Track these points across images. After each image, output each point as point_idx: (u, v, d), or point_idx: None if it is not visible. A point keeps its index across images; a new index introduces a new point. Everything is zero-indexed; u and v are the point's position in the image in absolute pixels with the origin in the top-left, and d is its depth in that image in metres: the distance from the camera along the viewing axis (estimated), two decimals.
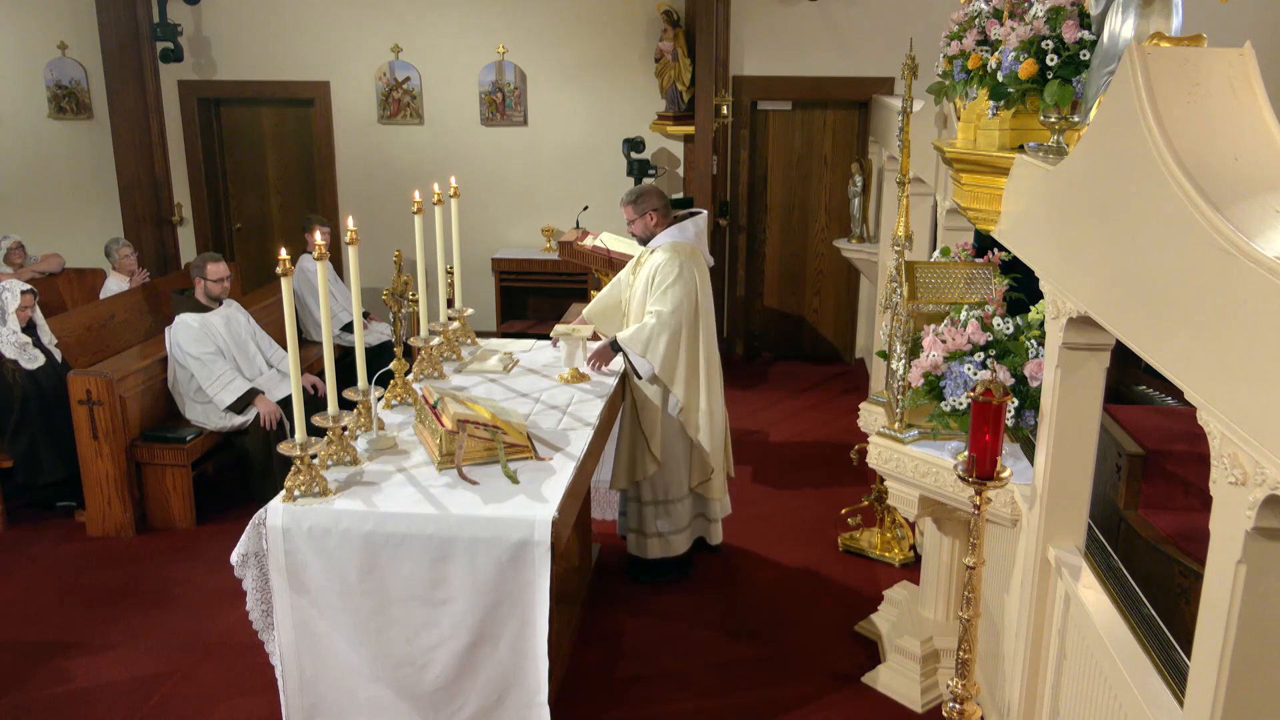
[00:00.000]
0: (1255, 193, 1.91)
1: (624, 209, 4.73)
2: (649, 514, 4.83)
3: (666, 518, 4.83)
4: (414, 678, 3.24)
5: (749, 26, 7.99)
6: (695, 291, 4.61)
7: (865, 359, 8.11)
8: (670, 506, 4.82)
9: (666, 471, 4.76)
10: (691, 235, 4.69)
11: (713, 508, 5.03)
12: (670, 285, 4.54)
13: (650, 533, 4.84)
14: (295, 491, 3.20)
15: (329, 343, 3.29)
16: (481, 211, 8.45)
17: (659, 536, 4.84)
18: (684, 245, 4.64)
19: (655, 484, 4.78)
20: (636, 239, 4.82)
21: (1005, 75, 2.96)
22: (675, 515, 4.83)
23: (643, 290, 4.67)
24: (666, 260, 4.58)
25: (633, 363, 4.58)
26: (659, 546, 4.85)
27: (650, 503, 4.81)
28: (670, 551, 4.86)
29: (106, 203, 8.75)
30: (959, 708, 3.00)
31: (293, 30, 8.43)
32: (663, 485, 4.79)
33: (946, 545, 4.03)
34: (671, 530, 4.85)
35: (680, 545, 4.88)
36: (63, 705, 3.98)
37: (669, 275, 4.55)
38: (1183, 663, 2.43)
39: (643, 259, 4.79)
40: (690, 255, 4.63)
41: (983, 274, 3.61)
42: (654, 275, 4.59)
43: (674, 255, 4.59)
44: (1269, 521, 1.75)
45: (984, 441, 2.68)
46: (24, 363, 5.40)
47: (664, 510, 4.82)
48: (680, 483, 4.81)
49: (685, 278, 4.56)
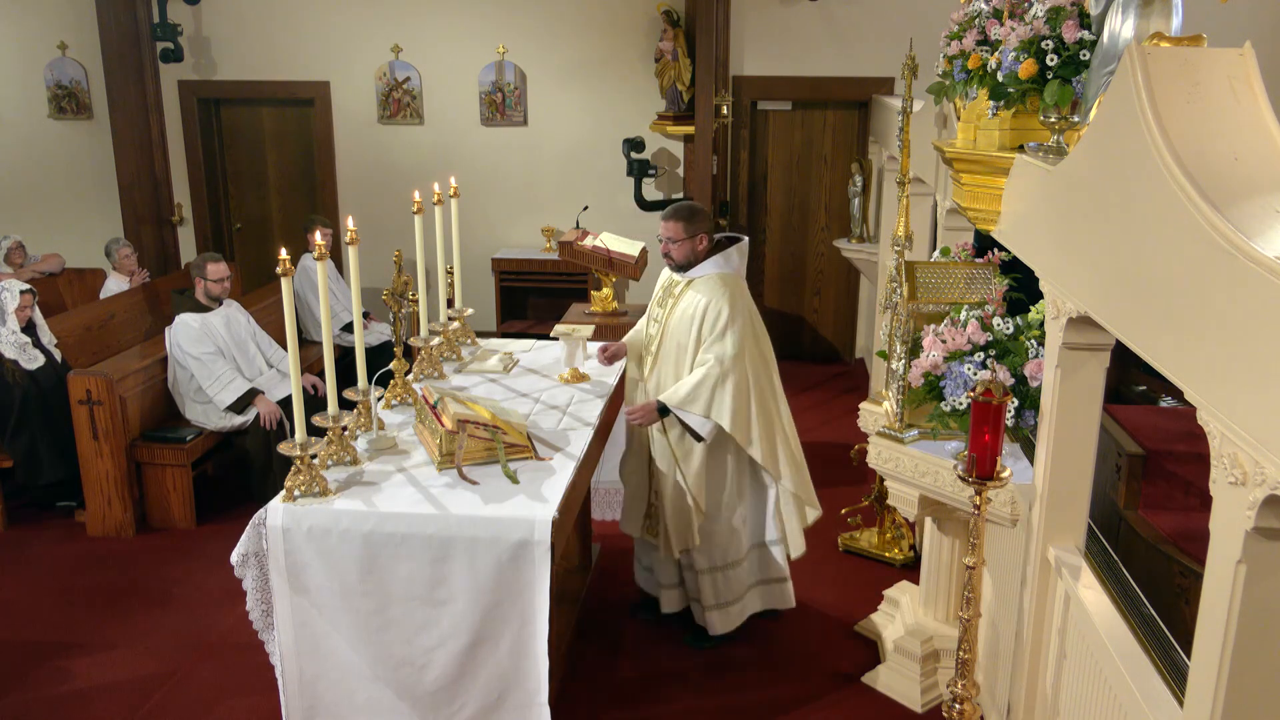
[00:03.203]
0: (1255, 193, 1.91)
1: (667, 226, 4.01)
2: (705, 583, 4.22)
3: (724, 585, 4.23)
4: (414, 678, 3.24)
5: (749, 26, 7.99)
6: (752, 328, 4.02)
7: (865, 359, 8.11)
8: (729, 572, 4.23)
9: (720, 532, 4.17)
10: (737, 263, 4.07)
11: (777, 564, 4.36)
12: (728, 325, 3.90)
13: (710, 604, 4.25)
14: (295, 491, 3.20)
15: (329, 343, 3.29)
16: (481, 211, 8.46)
17: (719, 609, 4.25)
18: (730, 277, 4.02)
19: (712, 548, 4.18)
20: (672, 264, 4.09)
21: (1005, 75, 2.96)
22: (734, 582, 4.25)
23: (687, 331, 3.99)
24: (717, 295, 3.93)
25: (690, 426, 3.96)
26: (720, 620, 4.25)
27: (707, 570, 4.20)
28: (731, 625, 4.28)
29: (106, 203, 8.76)
30: (959, 708, 3.00)
31: (293, 30, 8.43)
32: (720, 549, 4.19)
33: (946, 545, 4.04)
34: (732, 600, 4.27)
35: (739, 616, 4.30)
36: (63, 705, 3.98)
37: (723, 312, 3.90)
38: (1183, 663, 2.43)
39: (674, 290, 4.11)
40: (739, 285, 4.04)
41: (983, 274, 3.61)
42: (702, 313, 3.94)
43: (723, 288, 3.94)
44: (1269, 521, 1.75)
45: (984, 441, 2.69)
46: (24, 363, 5.40)
47: (723, 577, 4.22)
48: (739, 545, 4.22)
49: (743, 315, 3.95)
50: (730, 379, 3.89)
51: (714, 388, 3.89)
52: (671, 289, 4.13)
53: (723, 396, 3.89)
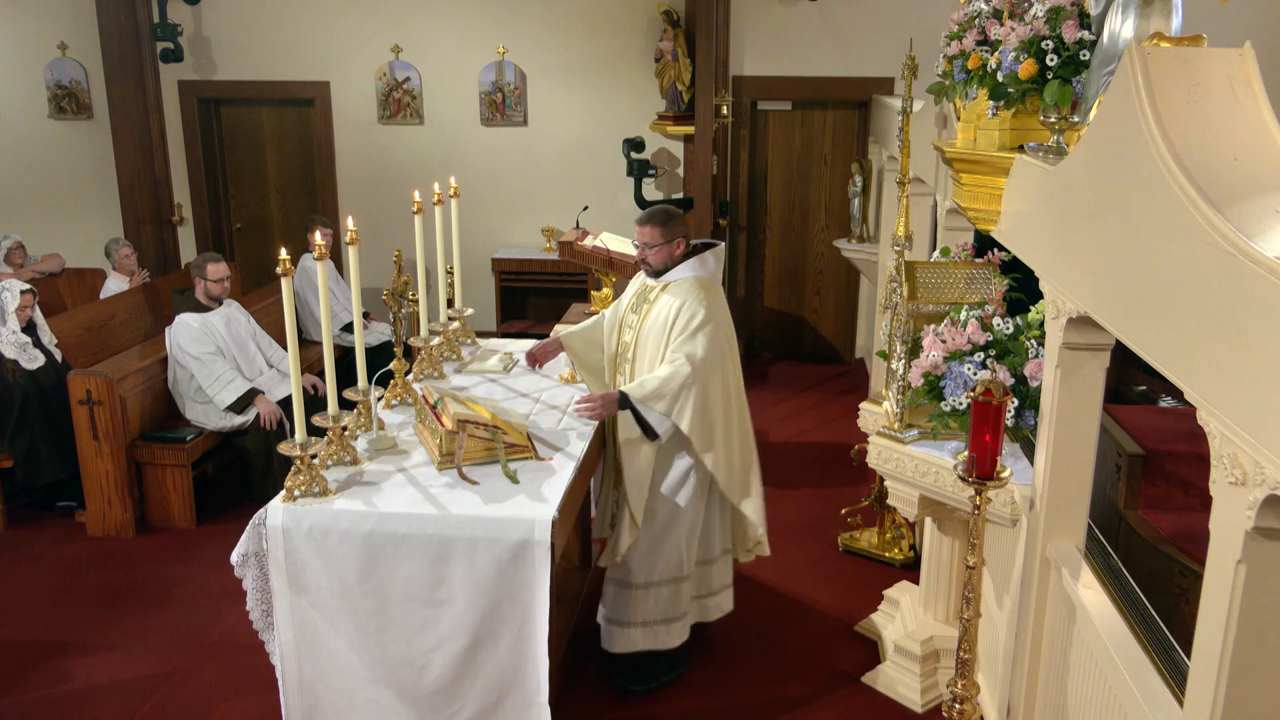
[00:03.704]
0: (1255, 193, 1.91)
1: (643, 230, 3.87)
2: (636, 599, 3.93)
3: (659, 603, 3.95)
4: (414, 678, 3.24)
5: (749, 26, 7.99)
6: (725, 335, 3.86)
7: (865, 359, 8.11)
8: (668, 588, 3.96)
9: (663, 548, 3.91)
10: (713, 268, 3.94)
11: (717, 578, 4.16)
12: (701, 326, 3.75)
13: (633, 622, 3.94)
14: (295, 491, 3.20)
15: (329, 343, 3.29)
16: (481, 211, 8.45)
17: (645, 626, 3.96)
18: (706, 281, 3.88)
19: (644, 562, 3.91)
20: (648, 269, 3.94)
21: (1005, 75, 2.96)
22: (672, 599, 3.97)
23: (658, 333, 3.85)
24: (692, 297, 3.80)
25: (649, 422, 3.73)
26: (645, 638, 3.96)
27: (643, 585, 3.92)
28: (659, 644, 3.99)
29: (106, 203, 8.75)
30: (959, 708, 3.00)
31: (293, 30, 8.43)
32: (659, 563, 3.93)
33: (946, 545, 4.04)
34: (665, 618, 3.98)
35: (678, 636, 4.03)
36: (63, 705, 3.98)
37: (697, 313, 3.76)
38: (1183, 663, 2.43)
39: (649, 295, 3.95)
40: (715, 292, 3.89)
41: (983, 274, 3.62)
42: (674, 314, 3.80)
43: (699, 291, 3.82)
44: (1269, 521, 1.75)
45: (984, 441, 2.69)
46: (24, 363, 5.40)
47: (658, 594, 3.95)
48: (681, 561, 3.96)
49: (719, 320, 3.82)
50: (698, 384, 3.73)
51: (679, 388, 3.71)
52: (646, 295, 3.98)
53: (686, 399, 3.72)
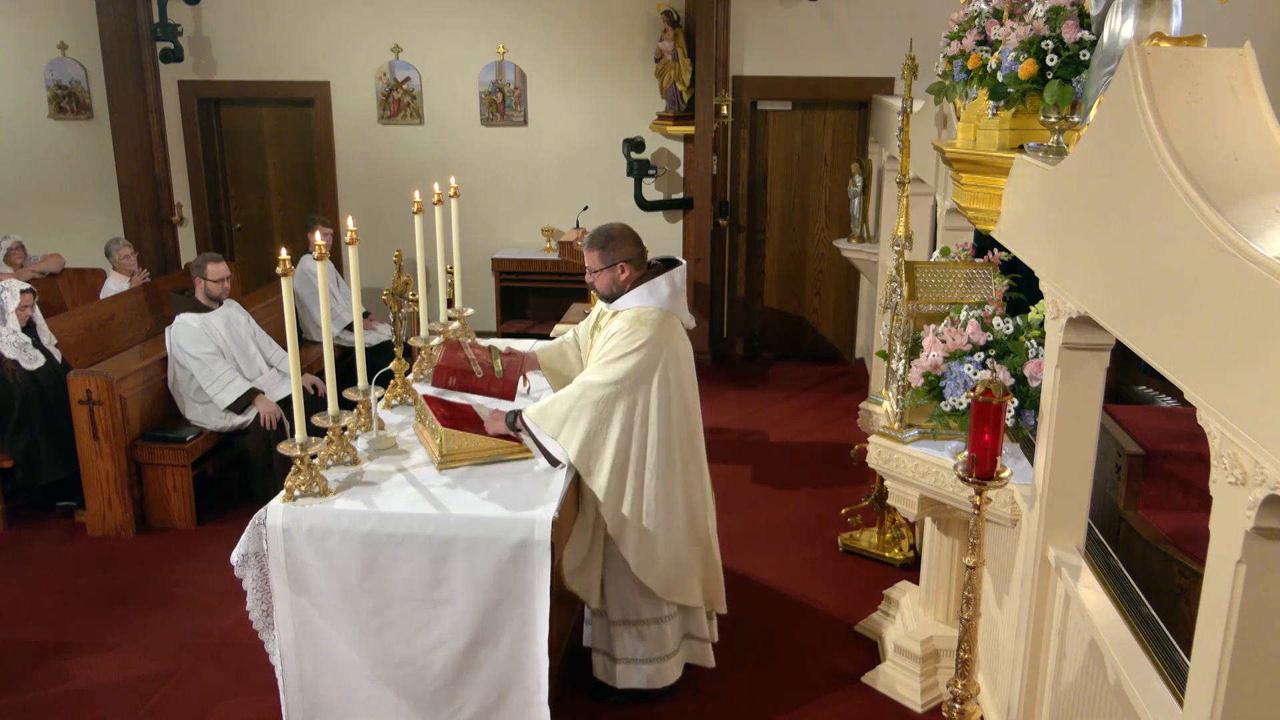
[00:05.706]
0: (1255, 193, 1.91)
1: (586, 254, 3.62)
2: (619, 635, 3.78)
3: (641, 641, 3.78)
4: (414, 678, 3.24)
5: (749, 26, 7.99)
6: (660, 368, 3.52)
7: (865, 359, 8.11)
8: (647, 628, 3.78)
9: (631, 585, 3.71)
10: (666, 296, 3.58)
11: (701, 625, 3.95)
12: (621, 357, 3.47)
13: (621, 658, 3.80)
14: (295, 491, 3.20)
15: (329, 343, 3.29)
16: (481, 211, 8.45)
17: (632, 663, 3.81)
18: (649, 313, 3.54)
19: (624, 598, 3.73)
20: (599, 295, 3.70)
21: (1005, 75, 2.96)
22: (658, 637, 3.79)
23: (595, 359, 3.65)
24: (628, 331, 3.50)
25: (543, 445, 3.47)
26: (636, 675, 3.81)
27: (620, 622, 3.76)
28: (653, 684, 3.84)
29: (106, 203, 8.76)
30: (959, 708, 3.00)
31: (293, 30, 8.43)
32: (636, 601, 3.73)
33: (946, 545, 4.04)
34: (651, 656, 3.80)
35: (670, 674, 3.86)
36: (63, 705, 3.98)
37: (625, 345, 3.48)
38: (1183, 663, 2.43)
39: (603, 322, 3.71)
40: (660, 324, 3.54)
41: (983, 274, 3.62)
42: (607, 343, 3.56)
43: (637, 326, 3.51)
44: (1269, 521, 1.75)
45: (984, 441, 2.68)
46: (24, 363, 5.40)
47: (638, 632, 3.77)
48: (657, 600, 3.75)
49: (646, 353, 3.48)
50: (592, 410, 3.43)
51: (569, 411, 3.45)
52: (599, 320, 3.77)
53: (576, 423, 3.43)
